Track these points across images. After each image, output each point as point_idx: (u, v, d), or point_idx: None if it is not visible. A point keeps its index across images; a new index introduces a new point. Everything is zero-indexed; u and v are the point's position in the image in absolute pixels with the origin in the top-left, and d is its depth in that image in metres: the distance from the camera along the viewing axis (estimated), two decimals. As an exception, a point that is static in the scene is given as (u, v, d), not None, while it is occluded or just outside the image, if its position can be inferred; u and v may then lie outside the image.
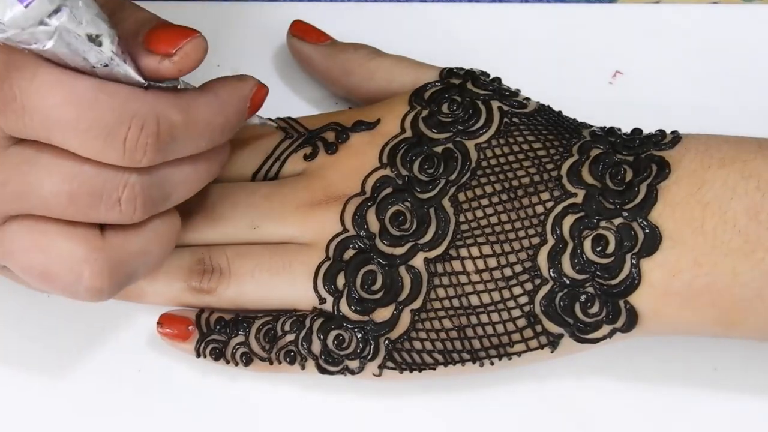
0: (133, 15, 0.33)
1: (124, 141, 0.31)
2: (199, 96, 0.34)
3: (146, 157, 0.32)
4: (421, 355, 0.38)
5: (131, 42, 0.32)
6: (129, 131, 0.31)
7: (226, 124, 0.35)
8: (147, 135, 0.32)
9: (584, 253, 0.37)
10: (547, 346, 0.38)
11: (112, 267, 0.34)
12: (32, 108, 0.31)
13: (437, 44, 0.46)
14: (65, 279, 0.34)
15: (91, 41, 0.30)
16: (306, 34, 0.44)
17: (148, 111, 0.32)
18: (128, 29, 0.32)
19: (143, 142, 0.32)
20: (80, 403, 0.41)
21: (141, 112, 0.32)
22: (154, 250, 0.36)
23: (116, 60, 0.31)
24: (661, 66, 0.47)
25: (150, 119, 0.32)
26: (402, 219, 0.38)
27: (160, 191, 0.34)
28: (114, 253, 0.34)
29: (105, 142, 0.31)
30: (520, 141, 0.39)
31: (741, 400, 0.41)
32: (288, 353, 0.39)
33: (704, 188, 0.36)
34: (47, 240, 0.33)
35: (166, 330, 0.40)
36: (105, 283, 0.34)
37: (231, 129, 0.35)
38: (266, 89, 0.37)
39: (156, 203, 0.34)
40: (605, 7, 0.48)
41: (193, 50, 0.32)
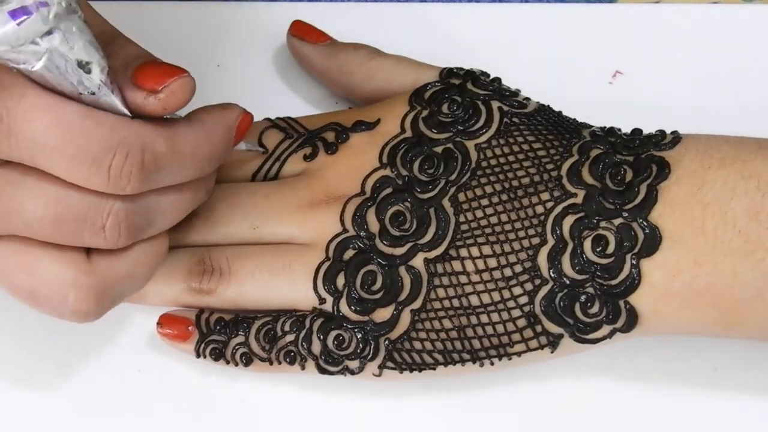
0: (125, 48, 0.34)
1: (109, 168, 0.31)
2: (185, 126, 0.34)
3: (130, 186, 0.32)
4: (421, 355, 0.38)
5: (120, 75, 0.32)
6: (114, 159, 0.31)
7: (213, 153, 0.35)
8: (132, 164, 0.32)
9: (584, 254, 0.37)
10: (547, 347, 0.38)
11: (98, 291, 0.34)
12: (18, 130, 0.31)
13: (437, 44, 0.46)
14: (52, 301, 0.34)
15: (80, 67, 0.30)
16: (306, 34, 0.44)
17: (134, 139, 0.32)
18: (119, 62, 0.33)
19: (128, 171, 0.32)
20: (80, 403, 0.41)
21: (127, 141, 0.32)
22: (140, 272, 0.36)
23: (104, 89, 0.31)
24: (661, 66, 0.47)
25: (135, 148, 0.32)
26: (402, 219, 0.38)
27: (144, 218, 0.34)
28: (100, 276, 0.34)
29: (90, 169, 0.31)
30: (520, 141, 0.39)
31: (741, 400, 0.41)
32: (288, 353, 0.39)
33: (704, 188, 0.36)
34: (33, 262, 0.34)
35: (166, 330, 0.40)
36: (91, 306, 0.34)
37: (218, 159, 0.36)
38: (251, 117, 0.37)
39: (140, 230, 0.34)
40: (605, 7, 0.48)
41: (180, 89, 0.32)
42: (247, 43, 0.47)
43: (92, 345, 0.41)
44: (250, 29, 0.47)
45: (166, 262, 0.39)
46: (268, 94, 0.46)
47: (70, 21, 0.29)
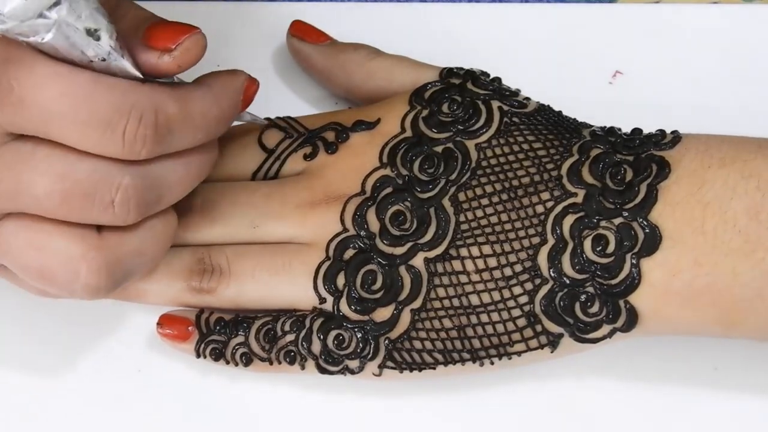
0: (132, 11, 0.34)
1: (123, 133, 0.32)
2: (194, 89, 0.34)
3: (145, 149, 0.32)
4: (421, 354, 0.38)
5: (130, 38, 0.32)
6: (128, 123, 0.32)
7: (221, 115, 0.35)
8: (146, 126, 0.32)
9: (584, 253, 0.37)
10: (547, 346, 0.38)
11: (108, 265, 0.34)
12: (30, 101, 0.31)
13: (437, 44, 0.46)
14: (62, 277, 0.34)
15: (89, 35, 0.30)
16: (306, 34, 0.44)
17: (146, 103, 0.32)
18: (127, 25, 0.33)
19: (142, 134, 0.32)
20: (80, 403, 0.41)
21: (139, 104, 0.32)
22: (151, 248, 0.36)
23: (114, 54, 0.31)
24: (661, 66, 0.47)
25: (148, 111, 0.32)
26: (402, 219, 0.38)
27: (153, 193, 0.34)
28: (111, 251, 0.34)
29: (104, 134, 0.31)
30: (521, 141, 0.39)
31: (741, 400, 0.41)
32: (288, 353, 0.39)
33: (704, 188, 0.36)
34: (43, 238, 0.34)
35: (166, 330, 0.40)
36: (102, 280, 0.34)
37: (226, 121, 0.36)
38: (257, 83, 0.37)
39: (149, 205, 0.34)
40: (605, 7, 0.48)
41: (193, 45, 0.32)
42: (247, 43, 0.47)
43: (92, 345, 0.41)
44: (250, 29, 0.47)
45: (166, 262, 0.40)
46: (268, 94, 0.46)
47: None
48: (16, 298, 0.41)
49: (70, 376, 0.41)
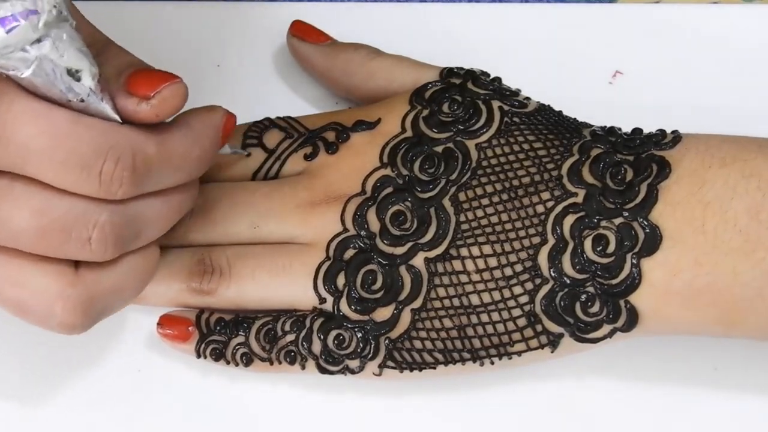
0: (118, 56, 0.34)
1: (100, 173, 0.31)
2: (174, 129, 0.34)
3: (122, 190, 0.32)
4: (422, 354, 0.38)
5: (112, 82, 0.32)
6: (105, 164, 0.31)
7: (202, 155, 0.35)
8: (123, 168, 0.32)
9: (585, 253, 0.37)
10: (547, 346, 0.38)
11: (85, 303, 0.34)
12: (8, 136, 0.30)
13: (437, 44, 0.46)
14: (39, 313, 0.34)
15: (70, 75, 0.30)
16: (306, 34, 0.44)
17: (124, 144, 0.32)
18: (111, 69, 0.33)
19: (119, 175, 0.32)
20: (80, 403, 0.41)
21: (117, 146, 0.32)
22: (129, 285, 0.36)
23: (93, 97, 0.31)
24: (661, 66, 0.47)
25: (126, 152, 0.32)
26: (402, 219, 0.38)
27: (131, 229, 0.34)
28: (87, 289, 0.34)
29: (81, 174, 0.31)
30: (521, 140, 0.39)
31: (741, 400, 0.41)
32: (288, 353, 0.39)
33: (705, 188, 0.36)
34: (21, 274, 0.33)
35: (166, 331, 0.40)
36: (78, 319, 0.34)
37: (207, 160, 0.36)
38: (235, 118, 0.37)
39: (126, 242, 0.34)
40: (605, 7, 0.48)
41: (172, 95, 0.32)
42: (247, 43, 0.47)
43: (92, 345, 0.41)
44: (250, 29, 0.47)
45: (166, 262, 0.40)
46: (268, 94, 0.46)
47: (61, 29, 0.29)
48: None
49: (70, 376, 0.41)
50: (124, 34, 0.47)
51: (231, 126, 0.37)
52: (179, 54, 0.46)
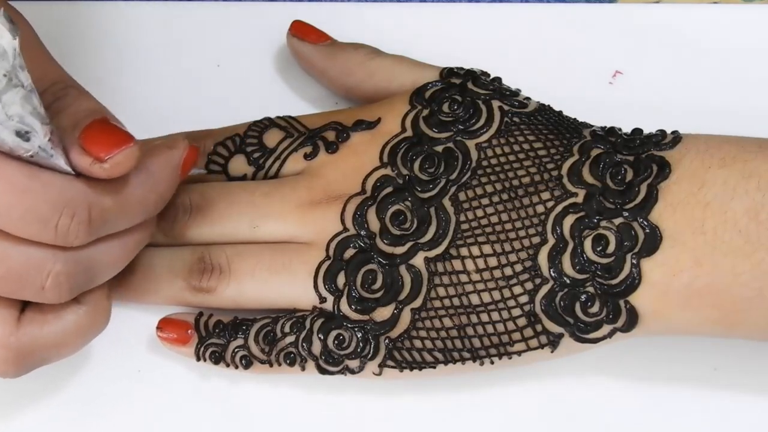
0: (76, 103, 0.34)
1: (56, 227, 0.32)
2: (131, 177, 0.34)
3: (78, 240, 0.33)
4: (422, 353, 0.38)
5: (68, 134, 0.32)
6: (61, 218, 0.32)
7: (159, 199, 0.36)
8: (79, 222, 0.32)
9: (585, 253, 0.37)
10: (547, 346, 0.38)
11: (20, 356, 0.35)
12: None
13: (437, 44, 0.46)
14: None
15: (18, 136, 0.30)
16: (306, 34, 0.44)
17: (80, 199, 0.32)
18: (68, 120, 0.33)
19: (75, 229, 0.32)
20: (80, 403, 0.41)
21: (73, 201, 0.32)
22: (70, 342, 0.36)
23: (43, 153, 0.31)
24: (661, 66, 0.47)
25: (82, 207, 0.32)
26: (402, 218, 0.38)
27: (85, 275, 0.34)
28: (26, 342, 0.35)
29: (38, 227, 0.32)
30: (521, 140, 0.39)
31: (741, 400, 0.41)
32: (288, 355, 0.39)
33: (705, 188, 0.36)
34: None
35: (165, 334, 0.40)
36: (10, 369, 0.35)
37: (163, 202, 0.36)
38: (197, 150, 0.37)
39: (81, 286, 0.35)
40: (605, 7, 0.48)
41: (125, 159, 0.32)
42: (247, 43, 0.47)
43: (92, 345, 0.41)
44: (250, 29, 0.47)
45: (167, 261, 0.40)
46: (268, 94, 0.46)
47: (13, 93, 0.29)
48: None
49: (70, 376, 0.41)
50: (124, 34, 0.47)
51: (192, 159, 0.37)
52: (179, 54, 0.46)
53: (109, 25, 0.47)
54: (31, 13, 0.39)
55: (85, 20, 0.47)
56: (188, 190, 0.40)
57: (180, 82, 0.46)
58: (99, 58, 0.46)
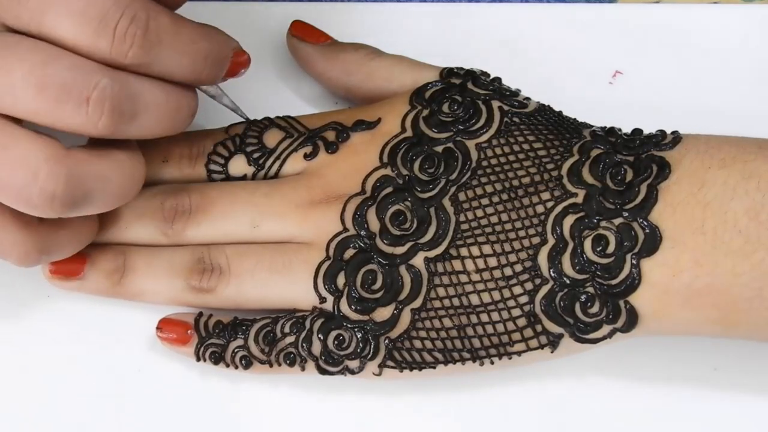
0: None
1: (114, 29, 0.32)
2: (187, 19, 0.35)
3: (132, 51, 0.33)
4: (422, 353, 0.38)
5: None
6: (120, 20, 0.32)
7: (208, 52, 0.36)
8: (137, 26, 0.33)
9: (584, 253, 0.37)
10: (547, 346, 0.38)
11: (69, 175, 0.34)
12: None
13: (437, 44, 0.46)
14: (21, 176, 0.33)
15: None
16: (306, 34, 0.44)
17: (141, 5, 0.33)
18: None
19: (132, 33, 0.33)
20: (80, 403, 0.41)
21: (134, 5, 0.33)
22: (116, 179, 0.36)
23: None
24: (661, 66, 0.47)
25: (142, 13, 0.33)
26: (402, 218, 0.38)
27: (128, 104, 0.34)
28: (75, 163, 0.34)
29: (97, 28, 0.32)
30: (521, 141, 0.39)
31: (741, 400, 0.41)
32: (288, 355, 0.39)
33: (705, 188, 0.36)
34: (11, 138, 0.33)
35: (165, 335, 0.40)
36: (59, 188, 0.33)
37: (212, 63, 0.36)
38: (248, 58, 0.38)
39: (123, 116, 0.34)
40: (605, 7, 0.48)
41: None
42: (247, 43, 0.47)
43: (92, 345, 0.41)
44: (250, 29, 0.47)
45: (166, 260, 0.40)
46: (268, 94, 0.46)
47: None
48: (17, 298, 0.41)
49: (70, 376, 0.41)
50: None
51: (242, 61, 0.38)
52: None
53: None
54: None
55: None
56: (188, 190, 0.40)
57: (180, 82, 0.46)
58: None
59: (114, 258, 0.40)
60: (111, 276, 0.40)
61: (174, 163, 0.42)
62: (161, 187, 0.41)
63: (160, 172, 0.41)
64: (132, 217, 0.40)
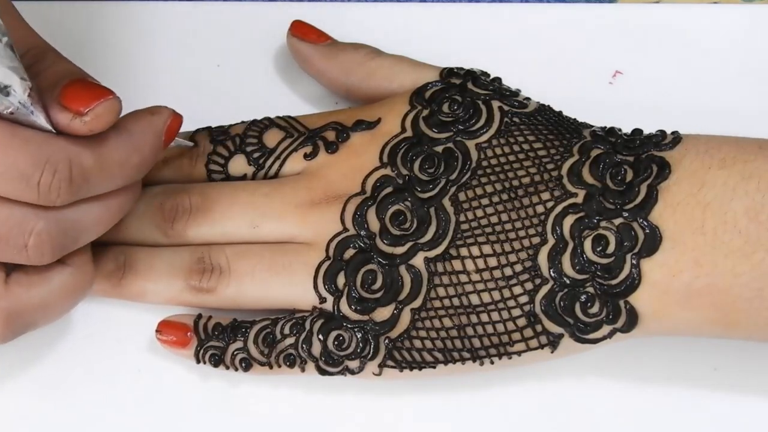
0: (54, 66, 0.34)
1: (38, 184, 0.32)
2: (111, 137, 0.34)
3: (60, 198, 0.33)
4: (421, 353, 0.38)
5: (47, 93, 0.32)
6: (43, 175, 0.32)
7: (141, 162, 0.36)
8: (60, 179, 0.33)
9: (584, 253, 0.37)
10: (547, 346, 0.38)
11: (8, 316, 0.35)
12: None
13: (437, 44, 0.46)
14: None
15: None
16: (306, 34, 0.44)
17: (61, 156, 0.32)
18: (47, 80, 0.33)
19: (56, 186, 0.33)
20: (80, 403, 0.41)
21: (53, 158, 0.32)
22: (57, 304, 0.36)
23: (23, 110, 0.31)
24: (661, 66, 0.47)
25: (63, 164, 0.32)
26: (402, 218, 0.38)
27: (68, 236, 0.35)
28: (14, 303, 0.35)
29: (20, 185, 0.32)
30: (521, 141, 0.39)
31: (741, 400, 0.41)
32: (288, 357, 0.39)
33: (705, 189, 0.36)
34: None
35: (165, 337, 0.40)
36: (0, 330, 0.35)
37: (146, 166, 0.36)
38: (180, 118, 0.37)
39: (64, 247, 0.35)
40: (605, 7, 0.48)
41: (105, 112, 0.33)
42: (247, 43, 0.47)
43: (92, 344, 0.41)
44: (250, 29, 0.47)
45: (166, 261, 0.40)
46: (268, 94, 0.46)
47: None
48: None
49: (70, 376, 0.41)
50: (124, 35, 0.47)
51: (175, 127, 0.37)
52: (179, 54, 0.46)
53: (109, 25, 0.47)
54: (31, 13, 0.39)
55: (85, 20, 0.47)
56: (188, 190, 0.40)
57: (180, 82, 0.46)
58: (99, 58, 0.46)
59: (114, 258, 0.40)
60: (111, 276, 0.40)
61: (174, 163, 0.42)
62: (161, 187, 0.41)
63: (160, 172, 0.41)
64: (132, 217, 0.40)
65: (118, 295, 0.40)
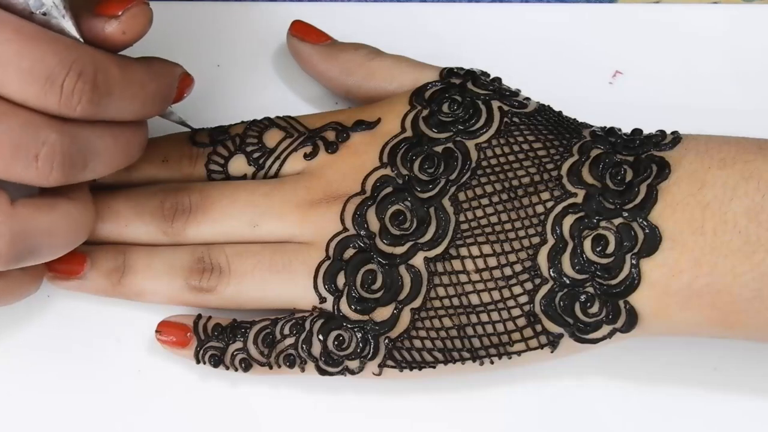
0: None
1: (62, 86, 0.32)
2: (135, 61, 0.35)
3: (81, 106, 0.33)
4: (421, 353, 0.38)
5: (82, 7, 0.33)
6: (68, 76, 0.32)
7: (157, 92, 0.36)
8: (84, 82, 0.33)
9: (584, 253, 0.37)
10: (547, 346, 0.38)
11: (14, 235, 0.34)
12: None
13: (437, 44, 0.46)
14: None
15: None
16: (306, 34, 0.44)
17: (88, 60, 0.33)
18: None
19: (80, 89, 0.33)
20: (80, 403, 0.41)
21: (81, 60, 0.33)
22: (61, 232, 0.36)
23: (55, 11, 0.32)
24: (661, 66, 0.47)
25: (88, 67, 0.33)
26: (402, 218, 0.38)
27: (78, 156, 0.34)
28: (20, 222, 0.34)
29: (44, 85, 0.32)
30: (521, 141, 0.39)
31: (741, 400, 0.41)
32: (287, 357, 0.39)
33: (704, 189, 0.36)
34: None
35: (164, 338, 0.40)
36: (3, 247, 0.34)
37: (160, 100, 0.37)
38: (192, 81, 0.39)
39: (74, 167, 0.34)
40: (605, 7, 0.48)
41: (140, 13, 0.34)
42: (247, 43, 0.47)
43: (92, 345, 0.41)
44: (250, 29, 0.47)
45: (166, 260, 0.40)
46: (268, 94, 0.46)
47: None
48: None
49: (70, 376, 0.41)
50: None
51: (187, 84, 0.39)
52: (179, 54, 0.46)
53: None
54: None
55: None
56: (188, 190, 0.40)
57: (180, 82, 0.46)
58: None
59: (114, 257, 0.40)
60: (111, 275, 0.40)
61: (174, 162, 0.42)
62: (161, 186, 0.41)
63: (160, 171, 0.41)
64: (132, 216, 0.40)
65: (117, 294, 0.40)
